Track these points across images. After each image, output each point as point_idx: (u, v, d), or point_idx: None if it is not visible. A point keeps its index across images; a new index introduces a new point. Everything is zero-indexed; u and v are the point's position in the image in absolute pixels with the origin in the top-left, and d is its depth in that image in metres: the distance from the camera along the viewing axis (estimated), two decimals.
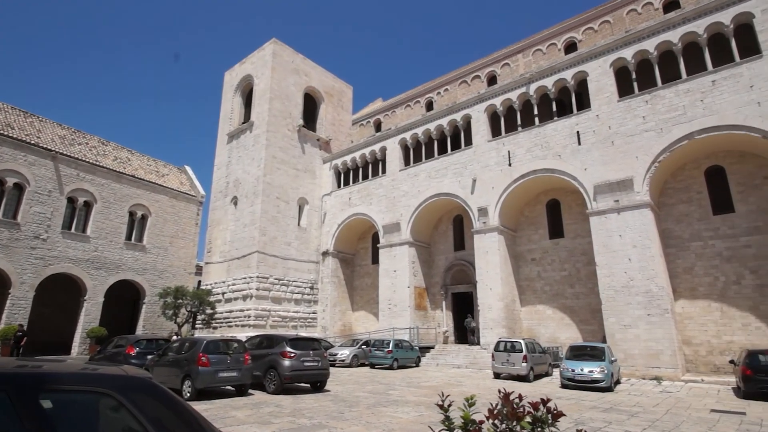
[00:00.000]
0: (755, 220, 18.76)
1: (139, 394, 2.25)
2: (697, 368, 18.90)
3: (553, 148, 22.79)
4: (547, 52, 31.38)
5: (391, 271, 28.25)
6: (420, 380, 17.50)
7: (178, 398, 2.42)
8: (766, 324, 17.82)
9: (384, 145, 31.34)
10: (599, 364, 15.38)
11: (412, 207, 28.20)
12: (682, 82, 19.53)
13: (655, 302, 18.33)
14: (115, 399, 2.16)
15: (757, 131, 17.30)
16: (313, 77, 36.54)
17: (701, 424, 9.95)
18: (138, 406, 2.16)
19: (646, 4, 27.69)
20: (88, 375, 2.38)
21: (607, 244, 20.09)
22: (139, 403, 2.19)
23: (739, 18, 18.65)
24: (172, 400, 2.35)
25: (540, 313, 24.06)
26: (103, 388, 2.19)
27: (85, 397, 2.17)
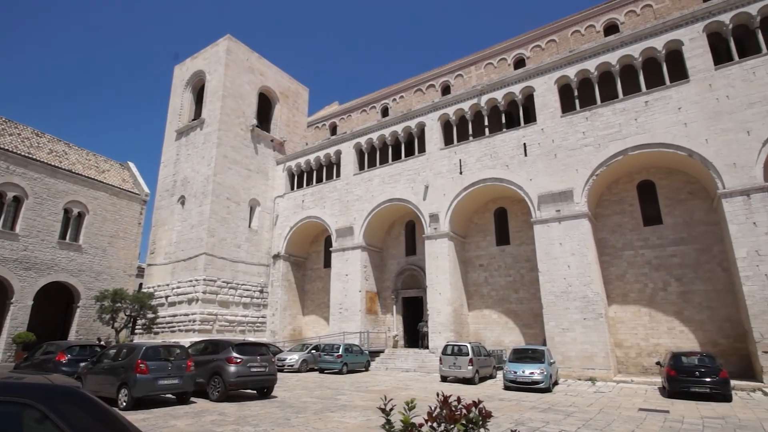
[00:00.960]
0: (680, 231, 20.42)
1: (65, 404, 2.16)
2: (628, 369, 20.21)
3: (502, 158, 23.70)
4: (498, 66, 32.65)
5: (343, 275, 28.18)
6: (369, 384, 17.55)
7: (108, 408, 2.35)
8: (688, 328, 19.40)
9: (339, 148, 31.29)
10: (539, 366, 16.08)
11: (366, 211, 28.32)
12: (619, 101, 20.95)
13: (591, 307, 19.47)
14: (39, 410, 2.07)
15: (683, 150, 18.87)
16: (269, 77, 35.90)
17: (630, 422, 10.63)
18: (64, 418, 2.08)
19: (588, 27, 29.53)
20: (9, 384, 2.26)
21: (548, 251, 21.11)
22: (66, 413, 2.11)
23: (670, 45, 20.30)
24: (102, 410, 2.28)
25: (486, 317, 24.84)
26: (26, 398, 2.09)
27: (6, 408, 2.06)
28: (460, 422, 3.34)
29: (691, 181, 20.57)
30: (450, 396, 3.73)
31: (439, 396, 3.65)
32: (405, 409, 3.36)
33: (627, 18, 28.51)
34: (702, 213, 20.05)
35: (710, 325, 18.95)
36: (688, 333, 19.33)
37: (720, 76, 18.70)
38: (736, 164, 17.60)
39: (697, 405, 13.11)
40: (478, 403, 3.59)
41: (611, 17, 29.02)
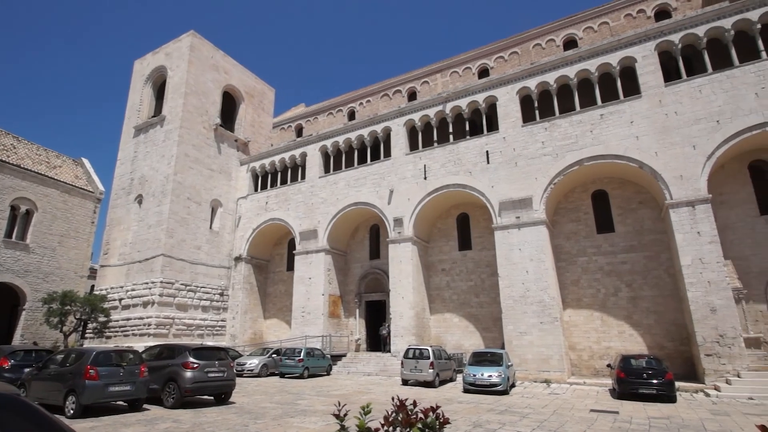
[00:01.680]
0: (631, 239, 21.36)
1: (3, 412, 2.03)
2: (580, 371, 20.85)
3: (465, 165, 24.10)
4: (463, 74, 33.30)
5: (306, 278, 27.81)
6: (330, 389, 17.35)
7: (50, 416, 2.17)
8: (637, 332, 20.26)
9: (305, 150, 30.94)
10: (497, 369, 16.34)
11: (330, 214, 28.10)
12: (576, 113, 21.73)
13: (547, 311, 20.01)
14: None
15: (634, 161, 19.77)
16: (234, 75, 35.09)
17: (582, 423, 10.93)
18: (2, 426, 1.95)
19: (549, 41, 30.62)
20: None
21: (508, 257, 21.57)
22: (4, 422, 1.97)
23: (625, 61, 21.27)
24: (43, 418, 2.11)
25: (448, 321, 25.08)
26: None
27: None
28: (416, 426, 3.33)
29: (642, 191, 21.57)
30: (406, 400, 3.72)
31: (395, 400, 3.63)
32: (361, 414, 3.32)
33: (585, 34, 29.77)
34: (651, 222, 21.06)
35: (657, 328, 19.86)
36: (637, 336, 20.20)
37: (669, 93, 19.74)
38: (682, 176, 18.62)
39: (645, 406, 13.62)
40: (436, 408, 3.59)
41: (570, 32, 30.23)
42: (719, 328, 16.60)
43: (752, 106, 17.89)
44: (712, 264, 17.28)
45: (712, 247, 17.46)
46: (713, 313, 16.82)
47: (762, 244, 18.48)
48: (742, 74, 18.43)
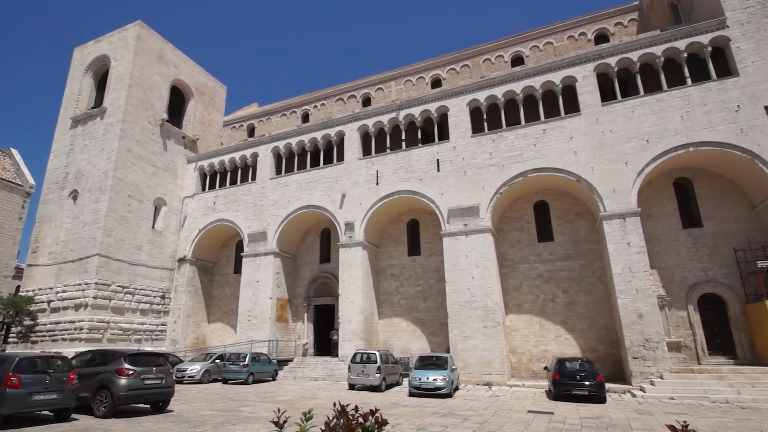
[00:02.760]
0: (568, 248, 22.49)
1: None
2: (520, 374, 21.57)
3: (417, 172, 24.45)
4: (416, 83, 33.87)
5: (253, 281, 27.02)
6: (275, 394, 16.92)
7: None
8: (572, 336, 21.29)
9: (256, 151, 30.16)
10: (442, 373, 16.53)
11: (281, 217, 27.53)
12: (521, 127, 22.62)
13: (491, 316, 20.59)
14: None
15: (573, 175, 20.83)
16: (183, 70, 33.66)
17: (520, 424, 11.22)
18: None
19: (498, 56, 31.82)
20: None
21: (455, 263, 22.03)
22: None
23: (566, 80, 22.40)
24: None
25: (396, 325, 25.18)
26: None
27: None
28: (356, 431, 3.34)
29: (579, 203, 22.79)
30: (348, 405, 3.71)
31: (336, 406, 3.62)
32: (302, 420, 3.28)
33: (531, 52, 31.22)
34: (586, 232, 22.27)
35: (590, 333, 20.96)
36: (571, 340, 21.23)
37: (606, 112, 21.02)
38: (615, 191, 19.90)
39: (577, 406, 14.20)
40: (375, 411, 3.61)
41: (518, 50, 31.58)
42: (645, 332, 17.82)
43: (678, 127, 19.46)
44: (639, 273, 18.55)
45: (640, 257, 18.75)
46: (640, 319, 18.05)
47: (684, 255, 20.10)
48: (670, 98, 20.01)
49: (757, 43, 19.03)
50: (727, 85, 19.10)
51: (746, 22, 19.44)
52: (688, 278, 19.74)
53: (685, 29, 20.43)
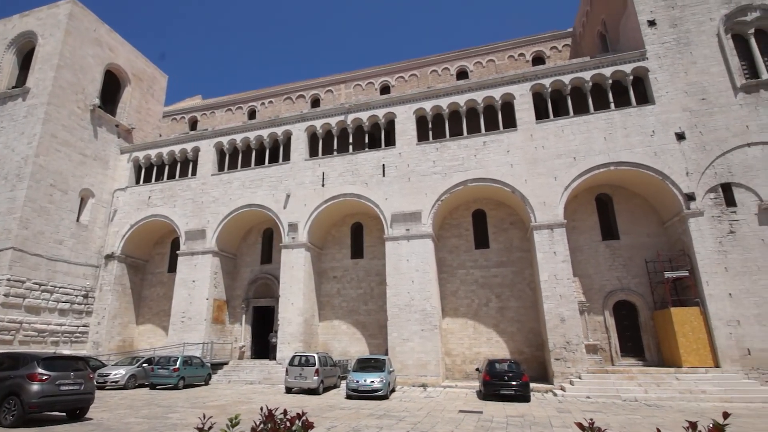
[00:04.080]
0: (502, 256, 23.53)
1: None
2: (453, 375, 22.17)
3: (362, 175, 24.50)
4: (366, 88, 34.03)
5: (189, 281, 25.71)
6: (207, 399, 16.18)
7: None
8: (503, 338, 22.23)
9: (198, 145, 28.77)
10: (379, 375, 16.60)
11: (222, 215, 26.43)
12: (464, 138, 23.35)
13: (428, 319, 21.01)
14: None
15: (508, 186, 21.82)
16: (120, 55, 31.46)
17: (451, 423, 11.51)
18: None
19: (444, 69, 32.76)
20: None
21: (397, 267, 22.26)
22: None
23: (505, 96, 23.43)
24: None
25: (336, 328, 24.98)
26: None
27: None
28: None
29: (513, 213, 23.91)
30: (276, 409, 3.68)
31: (264, 410, 3.58)
32: (228, 426, 3.20)
33: (475, 67, 32.45)
34: (519, 241, 23.42)
35: (518, 336, 22.01)
36: (502, 343, 22.19)
37: (539, 129, 22.23)
38: (545, 203, 21.11)
39: (504, 405, 14.81)
40: (302, 415, 3.60)
41: (463, 64, 32.71)
42: (566, 335, 19.03)
43: (601, 148, 21.04)
44: (563, 280, 19.81)
45: (564, 265, 20.02)
46: (562, 323, 19.27)
47: (602, 265, 21.71)
48: (596, 120, 21.58)
49: (671, 76, 21.03)
50: (645, 111, 20.93)
51: (663, 55, 21.43)
52: (606, 286, 21.35)
53: (611, 58, 22.17)
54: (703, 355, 17.53)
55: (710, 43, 20.96)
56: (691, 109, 20.28)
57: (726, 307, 17.74)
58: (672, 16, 21.80)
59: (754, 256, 18.08)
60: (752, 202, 18.68)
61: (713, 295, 17.95)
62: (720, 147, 19.49)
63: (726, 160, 19.33)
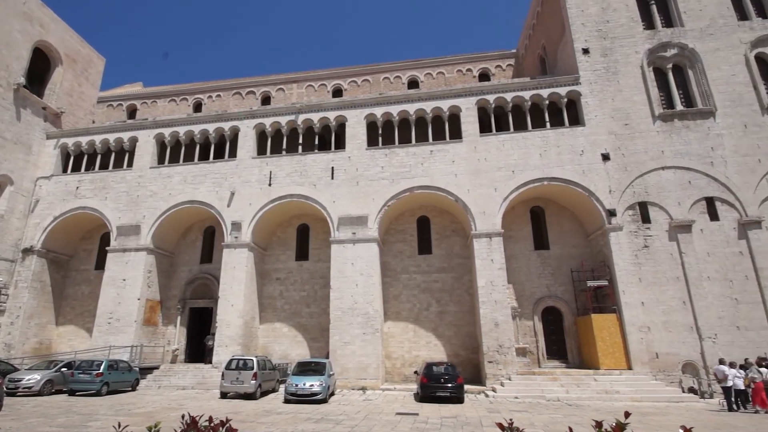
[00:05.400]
0: (443, 262, 24.06)
1: None
2: (393, 378, 22.31)
3: (311, 177, 24.08)
4: (318, 90, 33.58)
5: (119, 279, 23.87)
6: (133, 406, 15.07)
7: None
8: (441, 342, 22.69)
9: (136, 135, 26.86)
10: (319, 379, 16.34)
11: (160, 210, 24.81)
12: (412, 146, 23.65)
13: (371, 323, 21.01)
14: None
15: (452, 195, 22.38)
16: (53, 32, 28.72)
17: (387, 425, 11.56)
18: None
19: (396, 77, 33.10)
20: None
21: (341, 270, 22.09)
22: None
23: (452, 109, 24.02)
24: None
25: (277, 330, 24.27)
26: None
27: None
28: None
29: (456, 221, 24.57)
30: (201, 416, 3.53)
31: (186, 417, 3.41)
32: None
33: (426, 78, 33.08)
34: (459, 248, 24.10)
35: (455, 339, 22.61)
36: (440, 346, 22.65)
37: (482, 142, 23.04)
38: (485, 212, 21.87)
39: (440, 407, 15.12)
40: (226, 421, 3.49)
41: (414, 74, 33.23)
42: (499, 339, 19.82)
43: (537, 163, 22.17)
44: (499, 287, 20.63)
45: (500, 272, 20.85)
46: (496, 327, 20.04)
47: (533, 273, 22.86)
48: (533, 137, 22.71)
49: (600, 101, 22.62)
50: (576, 132, 22.34)
51: (594, 81, 23.00)
52: (536, 293, 22.51)
53: (548, 80, 23.46)
54: (618, 358, 18.94)
55: (635, 73, 22.78)
56: (616, 133, 21.90)
57: (639, 314, 19.30)
58: (603, 46, 23.45)
59: (664, 269, 19.82)
60: (664, 219, 20.48)
61: (628, 303, 19.46)
62: (639, 168, 21.20)
63: (643, 180, 21.06)
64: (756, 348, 18.15)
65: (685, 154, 21.12)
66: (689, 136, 21.37)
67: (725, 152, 20.88)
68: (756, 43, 22.46)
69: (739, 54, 22.31)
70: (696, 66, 22.56)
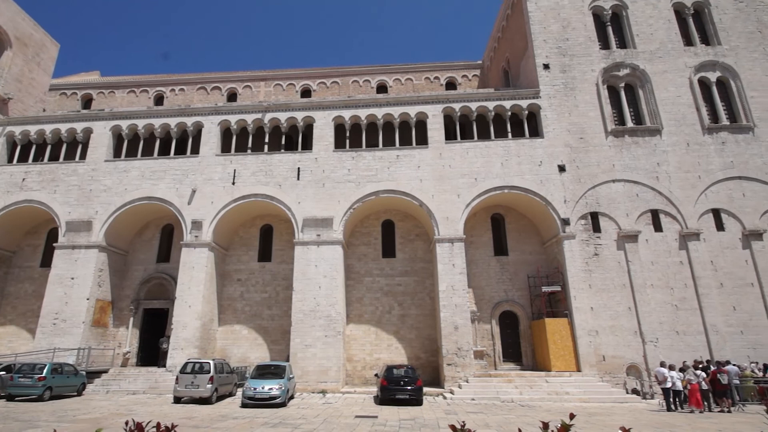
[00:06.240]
0: (406, 265, 24.18)
1: None
2: (353, 381, 22.11)
3: (276, 177, 23.57)
4: (286, 89, 33.01)
5: (67, 278, 22.41)
6: (78, 412, 14.16)
7: None
8: (402, 345, 22.74)
9: (91, 126, 25.38)
10: (278, 382, 15.95)
11: (114, 206, 23.51)
12: (379, 150, 23.67)
13: (332, 325, 20.78)
14: None
15: (417, 200, 22.52)
16: (2, 13, 26.65)
17: (346, 429, 11.38)
18: None
19: (365, 81, 33.06)
20: None
21: (305, 272, 21.72)
22: None
23: (420, 115, 24.14)
24: None
25: (236, 332, 23.53)
26: None
27: None
28: None
29: (419, 225, 24.77)
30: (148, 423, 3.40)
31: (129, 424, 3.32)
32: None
33: (394, 83, 33.23)
34: (422, 252, 24.31)
35: (416, 342, 22.71)
36: (401, 349, 22.70)
37: (447, 149, 23.34)
38: (448, 218, 22.17)
39: (399, 409, 15.11)
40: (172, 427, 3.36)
41: (383, 79, 33.30)
42: (459, 342, 20.12)
43: (498, 171, 22.72)
44: (459, 291, 20.96)
45: (461, 277, 21.19)
46: (456, 330, 20.34)
47: (492, 278, 23.38)
48: (495, 146, 23.26)
49: (558, 115, 23.48)
50: (536, 143, 23.09)
51: (553, 96, 23.86)
52: (494, 297, 23.03)
53: (511, 92, 24.14)
54: (569, 361, 19.67)
55: (590, 90, 23.82)
56: (572, 146, 22.80)
57: (588, 319, 20.13)
58: (563, 63, 24.38)
59: (611, 276, 20.79)
60: (613, 229, 21.49)
61: (579, 308, 20.27)
62: (591, 180, 22.16)
63: (595, 192, 22.03)
64: (693, 351, 19.35)
65: (634, 168, 22.26)
66: (638, 152, 22.55)
67: (669, 168, 22.17)
68: (699, 67, 24.01)
69: (684, 77, 23.78)
70: (646, 86, 23.85)
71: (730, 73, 23.87)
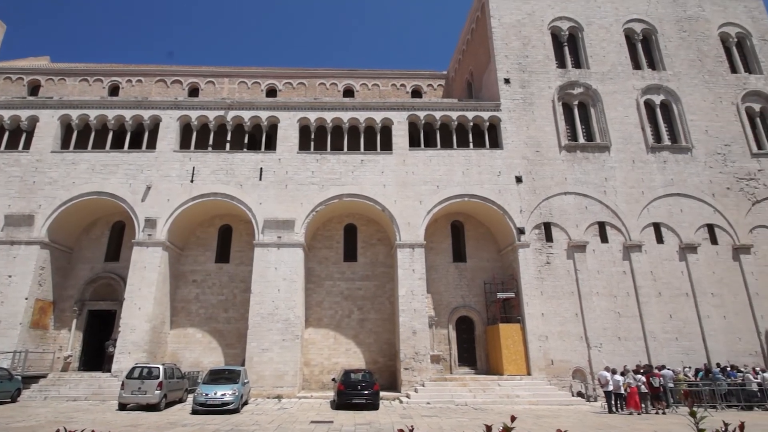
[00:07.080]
0: (368, 270, 24.08)
1: None
2: (310, 386, 21.74)
3: (238, 177, 22.87)
4: (251, 87, 32.20)
5: (4, 275, 20.48)
6: (11, 420, 13.09)
7: None
8: (360, 349, 22.60)
9: (37, 114, 23.61)
10: (232, 387, 15.43)
11: (60, 200, 21.94)
12: (343, 153, 23.48)
13: (291, 329, 20.35)
14: None
15: (380, 205, 22.51)
16: None
17: None
18: None
19: (332, 83, 32.81)
20: None
21: (264, 274, 21.18)
22: None
23: (385, 121, 24.14)
24: None
25: (189, 336, 22.51)
26: None
27: None
28: None
29: (381, 230, 24.77)
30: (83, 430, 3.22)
31: None
32: None
33: (361, 88, 33.17)
34: (384, 257, 24.30)
35: (374, 346, 22.62)
36: (359, 353, 22.54)
37: (411, 156, 23.50)
38: (410, 224, 22.32)
39: (355, 414, 15.00)
40: None
41: (350, 83, 33.18)
42: (416, 347, 20.25)
43: (459, 180, 23.16)
44: (418, 296, 21.14)
45: (420, 282, 21.39)
46: (414, 335, 20.47)
47: (451, 284, 23.74)
48: (457, 155, 23.68)
49: (516, 128, 24.26)
50: (495, 154, 23.73)
51: (512, 109, 24.64)
52: (452, 303, 23.41)
53: (473, 104, 24.73)
54: (520, 365, 20.29)
55: (547, 106, 24.79)
56: (528, 158, 23.62)
57: (539, 324, 20.86)
58: (522, 79, 25.25)
59: (561, 284, 21.66)
60: (564, 239, 22.42)
61: (531, 314, 20.97)
62: (546, 192, 23.04)
63: (549, 203, 22.91)
64: (633, 356, 20.47)
65: (584, 182, 23.34)
66: (588, 167, 23.67)
67: (616, 183, 23.43)
68: (646, 90, 25.57)
69: (632, 98, 25.24)
70: (597, 105, 25.12)
71: (672, 97, 25.55)
